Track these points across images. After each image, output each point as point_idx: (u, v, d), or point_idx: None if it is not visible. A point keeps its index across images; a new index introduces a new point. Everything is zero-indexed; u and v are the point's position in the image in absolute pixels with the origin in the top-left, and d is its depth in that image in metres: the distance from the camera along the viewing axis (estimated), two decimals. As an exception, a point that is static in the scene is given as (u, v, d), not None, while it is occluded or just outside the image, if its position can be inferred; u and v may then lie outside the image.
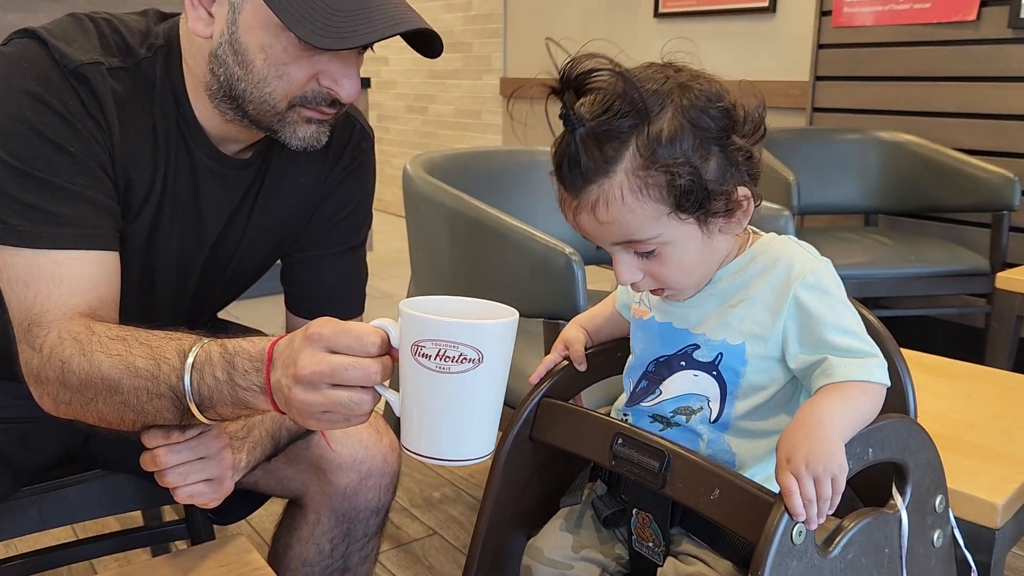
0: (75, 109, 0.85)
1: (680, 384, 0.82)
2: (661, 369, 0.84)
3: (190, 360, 0.77)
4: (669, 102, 0.73)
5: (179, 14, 0.95)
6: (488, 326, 0.67)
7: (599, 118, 0.72)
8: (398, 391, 0.71)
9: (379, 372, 0.69)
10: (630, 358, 0.90)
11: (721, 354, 0.80)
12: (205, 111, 0.94)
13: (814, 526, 0.68)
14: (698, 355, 0.81)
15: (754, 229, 0.85)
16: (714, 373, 0.80)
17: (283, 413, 0.73)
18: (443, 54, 0.91)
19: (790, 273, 0.78)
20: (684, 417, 0.82)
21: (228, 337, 0.79)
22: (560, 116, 0.74)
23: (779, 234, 0.84)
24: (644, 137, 0.72)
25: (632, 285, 0.80)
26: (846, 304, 0.78)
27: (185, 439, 0.84)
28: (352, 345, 0.68)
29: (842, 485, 0.68)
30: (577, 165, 0.74)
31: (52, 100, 0.84)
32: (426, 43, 0.90)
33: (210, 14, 0.87)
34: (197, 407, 0.77)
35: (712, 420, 0.81)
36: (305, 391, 0.69)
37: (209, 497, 0.87)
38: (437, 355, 0.66)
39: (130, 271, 0.94)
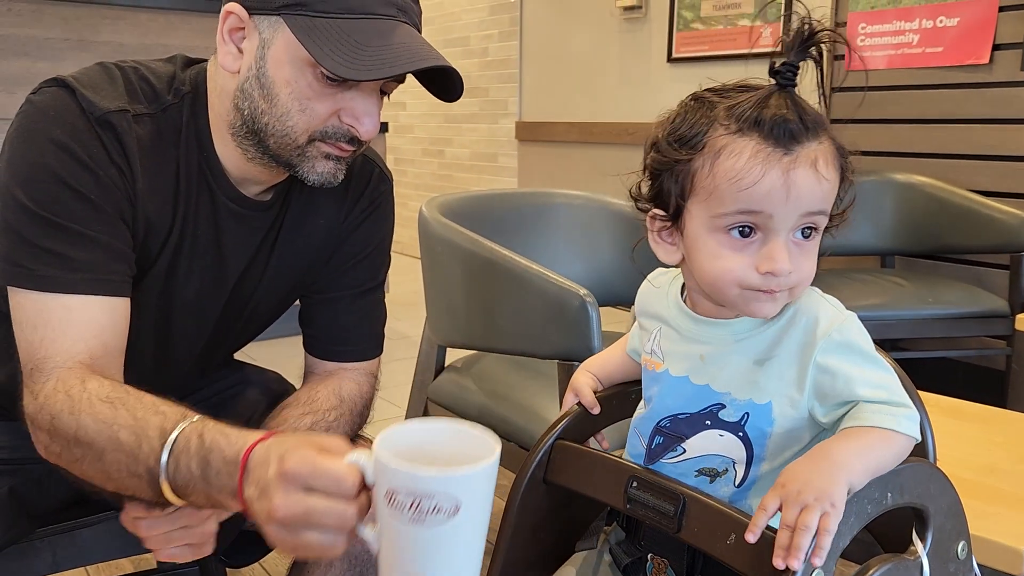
0: (98, 157, 0.87)
1: (705, 443, 0.80)
2: (681, 426, 0.81)
3: (169, 445, 0.76)
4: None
5: (206, 60, 0.98)
6: (463, 476, 0.63)
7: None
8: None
9: (355, 516, 0.67)
10: (641, 408, 0.88)
11: (748, 414, 0.77)
12: (228, 152, 0.96)
13: (780, 563, 0.65)
14: (724, 414, 0.79)
15: None
16: (740, 434, 0.78)
17: None
18: (460, 99, 0.93)
19: (815, 330, 0.75)
20: (708, 479, 0.80)
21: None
22: (774, 72, 0.79)
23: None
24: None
25: (784, 277, 0.73)
26: (874, 359, 0.76)
27: (165, 514, 0.84)
28: (329, 487, 0.66)
29: (831, 526, 0.65)
30: (805, 114, 0.74)
31: (76, 148, 0.86)
32: (447, 85, 0.92)
33: (240, 50, 0.90)
34: (173, 492, 0.77)
35: (737, 484, 0.79)
36: (279, 530, 0.68)
37: (188, 559, 0.87)
38: (411, 506, 0.62)
39: (147, 311, 0.95)
